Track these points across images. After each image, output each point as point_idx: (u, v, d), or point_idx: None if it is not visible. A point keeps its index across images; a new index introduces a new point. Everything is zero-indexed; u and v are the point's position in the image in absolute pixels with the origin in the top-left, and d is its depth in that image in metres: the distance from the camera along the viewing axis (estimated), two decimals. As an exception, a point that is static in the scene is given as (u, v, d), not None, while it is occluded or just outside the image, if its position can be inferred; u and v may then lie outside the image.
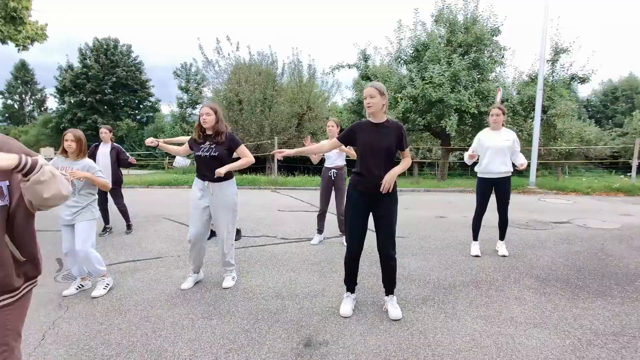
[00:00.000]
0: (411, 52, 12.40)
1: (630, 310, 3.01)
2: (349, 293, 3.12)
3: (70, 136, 3.43)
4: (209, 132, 3.38)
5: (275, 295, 3.39)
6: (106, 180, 3.57)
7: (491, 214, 4.47)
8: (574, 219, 6.38)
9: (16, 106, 48.48)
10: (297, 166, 19.24)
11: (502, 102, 11.56)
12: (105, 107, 37.47)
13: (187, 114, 36.44)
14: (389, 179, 2.78)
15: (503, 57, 12.54)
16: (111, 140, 5.69)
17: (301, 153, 3.39)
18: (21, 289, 1.52)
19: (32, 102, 49.75)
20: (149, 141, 3.67)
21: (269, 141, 16.07)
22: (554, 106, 11.80)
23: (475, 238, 4.47)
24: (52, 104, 45.93)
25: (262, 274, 3.91)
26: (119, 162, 5.61)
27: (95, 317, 3.02)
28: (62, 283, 3.76)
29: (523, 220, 6.14)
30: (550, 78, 12.27)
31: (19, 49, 7.79)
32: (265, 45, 30.16)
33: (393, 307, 2.98)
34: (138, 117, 40.81)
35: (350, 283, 3.11)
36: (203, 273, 3.80)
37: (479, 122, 11.66)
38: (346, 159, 4.89)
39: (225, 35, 28.57)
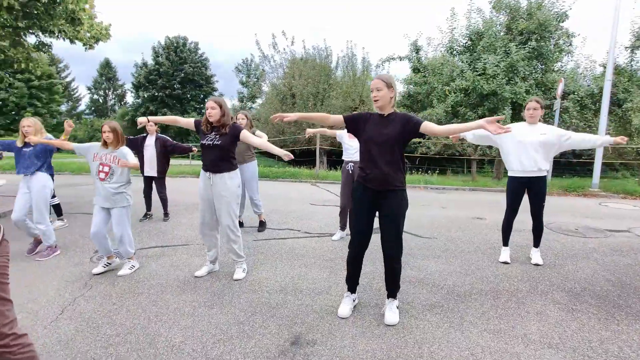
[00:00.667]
0: (464, 41, 11.64)
1: (676, 339, 2.57)
2: (349, 293, 3.02)
3: (107, 128, 3.70)
4: (215, 124, 3.44)
5: (280, 289, 3.38)
6: (135, 162, 3.80)
7: (521, 215, 4.04)
8: (635, 228, 5.59)
9: (100, 100, 53.68)
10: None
11: (566, 94, 10.48)
12: (174, 101, 40.08)
13: (247, 107, 37.87)
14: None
15: (570, 44, 11.29)
16: (156, 131, 6.05)
17: (304, 118, 2.95)
18: None
19: (113, 96, 54.77)
20: (141, 120, 3.72)
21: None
22: (631, 99, 10.40)
23: (505, 243, 4.10)
24: (130, 98, 50.45)
25: (274, 267, 3.93)
26: (167, 149, 5.90)
27: (110, 297, 3.23)
28: (96, 263, 4.08)
29: (572, 226, 5.52)
30: (629, 67, 10.83)
31: (86, 48, 8.58)
32: (320, 39, 30.30)
33: (391, 311, 2.83)
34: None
35: (351, 283, 3.01)
36: (219, 265, 3.90)
37: (542, 117, 10.63)
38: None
39: (281, 30, 29.08)
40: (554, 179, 10.23)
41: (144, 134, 6.05)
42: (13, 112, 31.72)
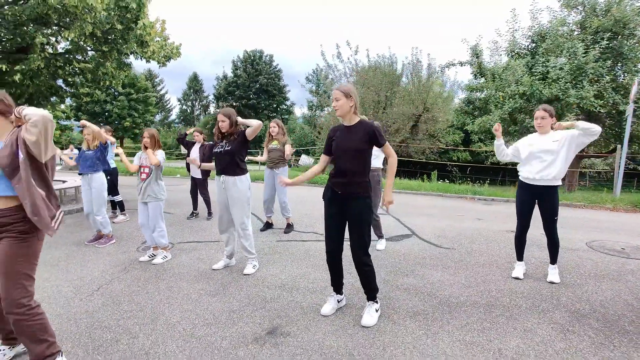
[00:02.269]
0: (526, 44, 10.82)
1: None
2: (334, 294, 3.18)
3: (147, 134, 4.37)
4: (226, 134, 3.85)
5: (279, 285, 3.65)
6: (158, 160, 4.33)
7: (566, 231, 3.75)
8: None
9: (188, 110, 59.21)
10: (406, 170, 18.71)
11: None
12: (249, 110, 42.85)
13: (315, 116, 39.04)
14: (387, 198, 2.95)
15: (657, 41, 9.87)
16: (203, 140, 6.77)
17: (300, 182, 3.31)
18: None
19: (199, 107, 60.05)
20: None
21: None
22: None
23: (519, 258, 3.88)
24: (212, 108, 54.99)
25: (283, 266, 4.21)
26: (208, 157, 6.61)
27: (139, 281, 3.78)
28: (142, 253, 4.73)
29: (620, 246, 4.94)
30: None
31: (160, 65, 9.82)
32: (385, 47, 30.20)
33: (368, 314, 2.94)
34: (275, 119, 45.44)
35: (335, 284, 3.16)
36: (235, 260, 4.30)
37: (618, 124, 9.49)
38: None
39: (345, 40, 29.68)
40: (623, 193, 9.04)
41: (193, 141, 6.81)
42: (116, 122, 36.74)
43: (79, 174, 5.08)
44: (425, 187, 10.43)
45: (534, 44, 10.65)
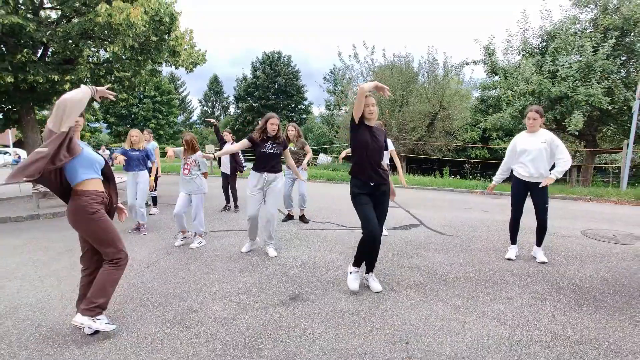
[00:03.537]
0: (537, 43, 11.06)
1: (630, 328, 2.78)
2: (358, 269, 3.67)
3: (183, 141, 5.05)
4: (271, 135, 4.44)
5: (300, 264, 4.25)
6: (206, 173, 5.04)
7: (561, 221, 4.23)
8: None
9: (209, 112, 60.60)
10: (423, 167, 19.06)
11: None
12: (268, 110, 43.56)
13: (333, 116, 39.59)
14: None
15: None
16: (232, 139, 7.44)
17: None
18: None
19: (220, 108, 61.35)
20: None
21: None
22: None
23: (513, 242, 4.36)
24: (232, 109, 56.34)
25: (303, 249, 4.81)
26: (235, 156, 7.27)
27: (180, 261, 4.45)
28: (176, 239, 5.42)
29: (613, 233, 5.32)
30: None
31: (187, 72, 10.60)
32: (401, 45, 30.49)
33: (375, 282, 3.51)
34: (294, 119, 46.18)
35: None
36: (260, 245, 4.91)
37: (630, 120, 9.63)
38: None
39: (362, 41, 30.14)
40: (630, 187, 9.22)
41: (224, 141, 7.48)
42: (142, 123, 38.30)
43: (125, 171, 5.82)
44: (437, 183, 10.86)
45: (544, 43, 10.89)
